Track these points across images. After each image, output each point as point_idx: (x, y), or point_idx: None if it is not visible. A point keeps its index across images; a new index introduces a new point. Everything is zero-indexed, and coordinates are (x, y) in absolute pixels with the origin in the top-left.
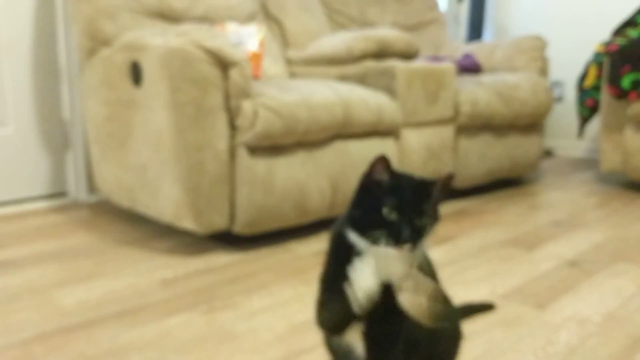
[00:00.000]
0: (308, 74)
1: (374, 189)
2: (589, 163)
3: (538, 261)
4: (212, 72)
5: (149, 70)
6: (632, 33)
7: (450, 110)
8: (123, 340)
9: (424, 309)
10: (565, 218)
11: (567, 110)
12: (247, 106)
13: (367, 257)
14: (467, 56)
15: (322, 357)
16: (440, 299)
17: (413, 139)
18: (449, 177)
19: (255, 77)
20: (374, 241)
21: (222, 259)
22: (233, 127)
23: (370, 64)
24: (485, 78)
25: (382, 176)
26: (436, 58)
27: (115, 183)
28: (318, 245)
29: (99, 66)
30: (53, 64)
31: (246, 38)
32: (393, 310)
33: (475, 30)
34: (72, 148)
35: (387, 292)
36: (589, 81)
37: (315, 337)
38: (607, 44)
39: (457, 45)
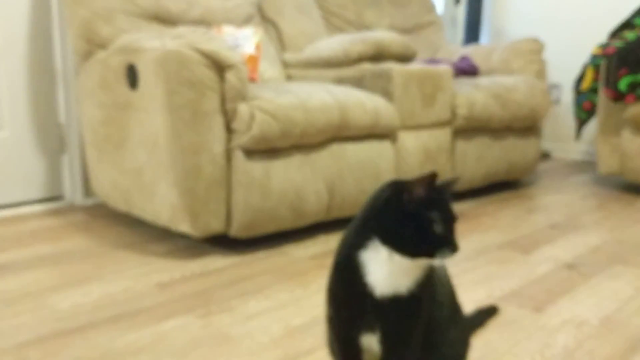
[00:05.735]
0: (305, 76)
1: (412, 205)
2: (586, 165)
3: (535, 264)
4: (208, 75)
5: (145, 73)
6: (629, 35)
7: (447, 113)
8: (119, 344)
9: None
10: (563, 221)
11: (564, 113)
12: (243, 109)
13: (384, 267)
14: (464, 59)
15: None
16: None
17: (410, 141)
18: (456, 180)
19: (252, 80)
20: (425, 255)
21: (219, 263)
22: (229, 130)
23: (367, 67)
24: (482, 81)
25: (422, 192)
26: (433, 61)
27: (111, 186)
28: (315, 249)
29: (95, 69)
30: (49, 67)
31: (243, 41)
32: (402, 318)
33: (472, 33)
34: (68, 151)
35: (395, 301)
36: (586, 84)
37: (312, 340)
38: (604, 47)
39: (454, 48)
